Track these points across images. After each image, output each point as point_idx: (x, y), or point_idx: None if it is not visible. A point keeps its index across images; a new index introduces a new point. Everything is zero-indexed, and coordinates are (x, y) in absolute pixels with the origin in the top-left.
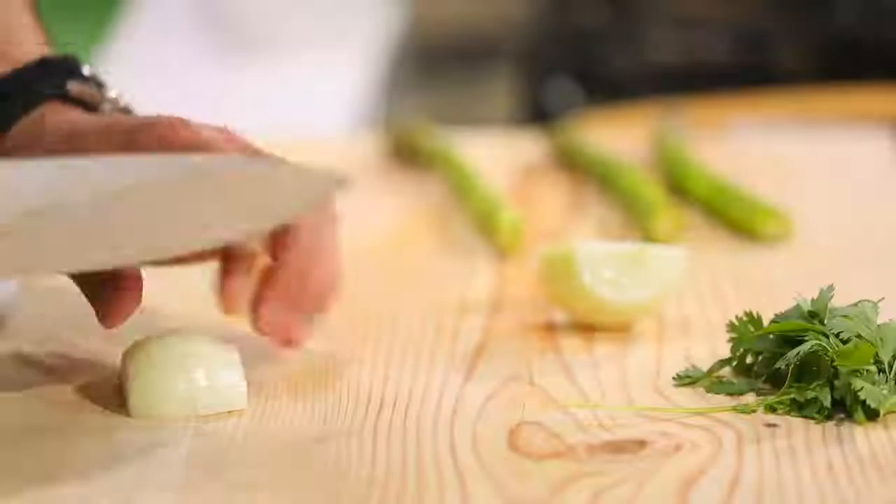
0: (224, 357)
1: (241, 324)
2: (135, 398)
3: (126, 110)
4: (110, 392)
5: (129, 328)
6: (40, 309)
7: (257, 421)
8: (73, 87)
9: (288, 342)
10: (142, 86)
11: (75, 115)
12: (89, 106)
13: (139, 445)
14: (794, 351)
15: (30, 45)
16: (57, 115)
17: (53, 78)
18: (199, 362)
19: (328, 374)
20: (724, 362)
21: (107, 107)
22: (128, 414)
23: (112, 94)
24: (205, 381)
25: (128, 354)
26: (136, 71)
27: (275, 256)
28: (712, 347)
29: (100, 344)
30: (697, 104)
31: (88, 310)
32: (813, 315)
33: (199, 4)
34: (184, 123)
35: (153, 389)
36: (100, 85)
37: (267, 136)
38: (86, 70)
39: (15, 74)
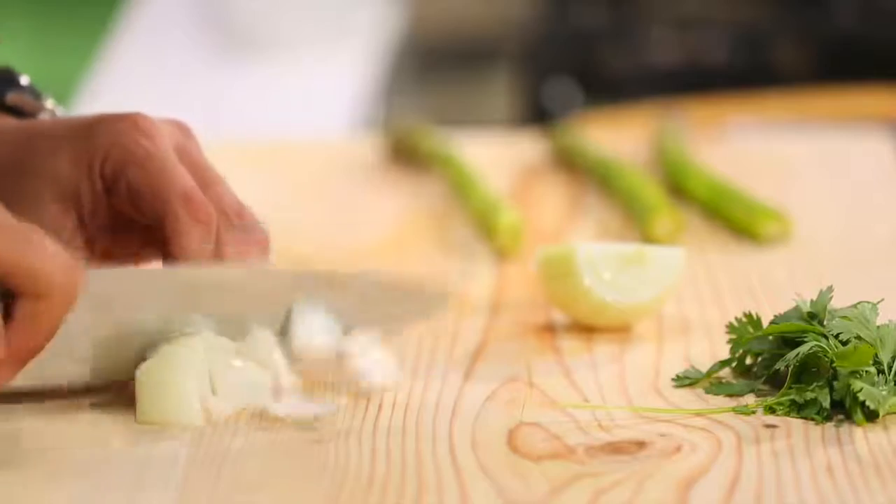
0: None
1: None
2: (144, 402)
3: None
4: (113, 392)
5: None
6: None
7: (256, 421)
8: (10, 96)
9: None
10: (142, 86)
11: (20, 122)
12: (27, 115)
13: (140, 445)
14: (794, 352)
15: None
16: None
17: None
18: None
19: (328, 374)
20: (723, 363)
21: (45, 116)
22: (133, 416)
23: (48, 104)
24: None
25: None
26: (137, 71)
27: None
28: (712, 348)
29: None
30: (697, 104)
31: None
32: (812, 316)
33: (200, 4)
34: (142, 124)
35: (163, 394)
36: (37, 95)
37: (267, 135)
38: (23, 80)
39: None
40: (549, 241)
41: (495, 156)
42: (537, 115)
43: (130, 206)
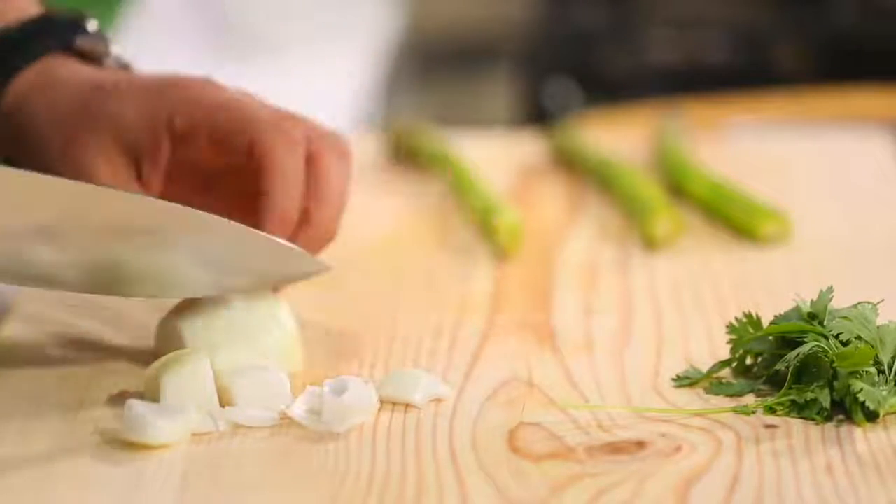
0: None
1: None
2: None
3: (128, 66)
4: (112, 396)
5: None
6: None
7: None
8: (79, 41)
9: None
10: None
11: (90, 70)
12: (93, 60)
13: (139, 445)
14: (794, 352)
15: (27, 4)
16: (67, 68)
17: (58, 32)
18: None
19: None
20: (723, 363)
21: (110, 62)
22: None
23: (115, 49)
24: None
25: (150, 377)
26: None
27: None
28: (712, 348)
29: (108, 348)
30: (697, 104)
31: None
32: (812, 316)
33: (200, 5)
34: (214, 82)
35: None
36: (104, 40)
37: None
38: (90, 26)
39: (18, 28)
40: (549, 241)
41: (495, 156)
42: (537, 115)
43: (213, 150)
